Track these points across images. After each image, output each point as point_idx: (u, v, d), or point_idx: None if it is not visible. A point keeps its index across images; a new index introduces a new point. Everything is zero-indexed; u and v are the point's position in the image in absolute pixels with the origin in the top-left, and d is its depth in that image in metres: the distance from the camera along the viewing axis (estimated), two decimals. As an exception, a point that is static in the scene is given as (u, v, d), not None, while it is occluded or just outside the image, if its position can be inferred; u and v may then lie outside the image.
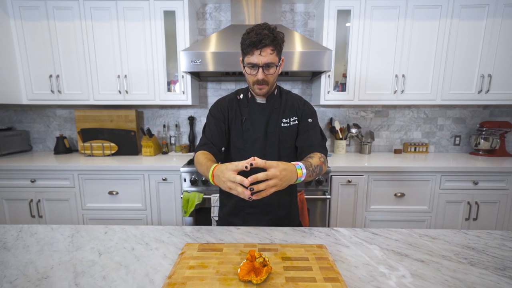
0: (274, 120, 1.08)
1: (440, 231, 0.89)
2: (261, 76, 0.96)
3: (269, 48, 0.93)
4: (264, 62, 0.93)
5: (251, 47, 0.92)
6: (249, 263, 0.63)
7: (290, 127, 1.08)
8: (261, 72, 0.95)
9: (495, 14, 1.97)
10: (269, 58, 0.93)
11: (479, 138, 2.29)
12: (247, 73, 0.99)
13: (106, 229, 0.90)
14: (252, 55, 0.93)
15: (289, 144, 1.09)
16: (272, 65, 0.95)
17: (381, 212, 1.94)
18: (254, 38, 0.90)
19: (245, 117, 1.08)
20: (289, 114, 1.09)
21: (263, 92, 1.01)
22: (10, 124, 2.49)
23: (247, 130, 1.07)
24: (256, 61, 0.93)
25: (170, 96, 2.14)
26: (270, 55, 0.94)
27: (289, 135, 1.08)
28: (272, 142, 1.07)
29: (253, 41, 0.91)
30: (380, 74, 2.08)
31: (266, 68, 0.95)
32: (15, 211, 1.98)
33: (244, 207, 1.10)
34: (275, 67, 0.97)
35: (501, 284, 0.62)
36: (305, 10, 2.33)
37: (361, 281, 0.63)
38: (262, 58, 0.93)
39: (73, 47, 2.07)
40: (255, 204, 1.07)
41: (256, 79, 0.97)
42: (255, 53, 0.92)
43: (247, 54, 0.95)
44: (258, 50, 0.92)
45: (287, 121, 1.08)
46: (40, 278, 0.64)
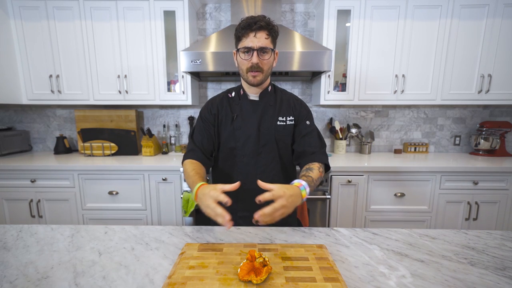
0: (269, 118, 1.04)
1: (440, 231, 0.89)
2: (256, 59, 0.92)
3: (264, 32, 0.91)
4: (259, 46, 0.91)
5: (246, 29, 0.90)
6: (249, 263, 0.63)
7: (286, 126, 1.05)
8: (256, 56, 0.92)
9: (495, 14, 1.97)
10: (264, 42, 0.91)
11: (479, 138, 2.29)
12: (241, 59, 0.95)
13: (106, 229, 0.90)
14: (247, 38, 0.91)
15: (285, 144, 1.06)
16: (267, 50, 0.93)
17: (381, 212, 1.94)
18: (249, 20, 0.90)
19: (236, 114, 1.04)
20: (285, 112, 1.06)
21: (257, 80, 0.97)
22: (10, 124, 2.49)
23: (238, 127, 1.03)
24: (251, 44, 0.91)
25: (170, 96, 2.14)
26: (266, 39, 0.92)
27: (285, 134, 1.05)
28: (266, 140, 1.03)
29: (248, 23, 0.90)
30: (380, 74, 2.08)
31: (261, 53, 0.93)
32: (15, 211, 1.97)
33: (236, 211, 1.06)
34: (270, 52, 0.94)
35: (501, 284, 0.62)
36: (305, 10, 2.33)
37: (361, 281, 0.63)
38: (257, 41, 0.91)
39: (73, 47, 2.07)
40: (247, 207, 1.03)
41: (251, 64, 0.93)
42: (250, 35, 0.91)
43: (241, 38, 0.93)
44: (253, 32, 0.90)
45: (283, 120, 1.05)
46: (40, 278, 0.64)
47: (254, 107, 1.04)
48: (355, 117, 2.48)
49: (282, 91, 1.12)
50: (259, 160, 1.03)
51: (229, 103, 1.07)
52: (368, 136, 2.38)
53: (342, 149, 2.38)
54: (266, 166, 1.04)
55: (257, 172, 1.03)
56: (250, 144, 1.03)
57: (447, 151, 2.51)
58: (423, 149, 2.44)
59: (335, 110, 2.47)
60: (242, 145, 1.03)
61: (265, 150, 1.03)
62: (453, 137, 2.48)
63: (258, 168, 1.04)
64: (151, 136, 2.25)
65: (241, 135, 1.03)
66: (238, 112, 1.04)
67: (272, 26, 0.93)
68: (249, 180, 1.01)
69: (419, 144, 2.44)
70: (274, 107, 1.05)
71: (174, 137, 2.45)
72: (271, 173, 1.05)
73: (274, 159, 1.05)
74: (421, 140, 2.49)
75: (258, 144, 1.03)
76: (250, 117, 1.03)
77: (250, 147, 1.03)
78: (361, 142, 2.41)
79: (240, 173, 1.04)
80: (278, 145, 1.05)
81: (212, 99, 1.11)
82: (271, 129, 1.03)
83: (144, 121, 2.51)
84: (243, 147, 1.03)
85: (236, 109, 1.05)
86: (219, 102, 1.08)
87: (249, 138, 1.02)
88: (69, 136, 2.50)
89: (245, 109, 1.04)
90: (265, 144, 1.03)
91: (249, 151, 1.03)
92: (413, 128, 2.48)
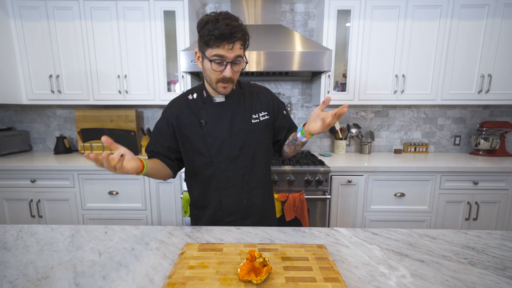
0: (241, 119, 0.98)
1: (440, 231, 0.89)
2: (229, 73, 0.85)
3: (239, 42, 0.84)
4: (234, 57, 0.84)
5: (221, 40, 0.80)
6: (249, 263, 0.63)
7: (261, 122, 1.00)
8: (229, 69, 0.85)
9: (495, 14, 1.97)
10: (238, 52, 0.84)
11: (479, 138, 2.29)
12: (211, 69, 0.85)
13: (106, 229, 0.90)
14: (221, 48, 0.82)
15: (264, 140, 1.02)
16: (240, 61, 0.87)
17: (381, 212, 1.94)
18: (225, 29, 0.79)
19: (204, 120, 0.96)
20: (258, 109, 1.01)
21: (227, 91, 0.91)
22: (10, 124, 2.49)
23: (209, 134, 0.96)
24: (225, 54, 0.82)
25: (170, 96, 2.13)
26: (239, 49, 0.85)
27: (262, 131, 1.01)
28: (243, 142, 0.97)
29: (223, 33, 0.79)
30: (380, 74, 2.08)
31: (234, 65, 0.86)
32: (15, 211, 1.97)
33: (222, 217, 1.02)
34: (242, 63, 0.89)
35: (501, 284, 0.62)
36: (305, 10, 2.33)
37: (361, 281, 0.63)
38: (232, 52, 0.83)
39: (73, 47, 2.07)
40: (232, 212, 1.01)
41: (223, 76, 0.86)
42: (225, 46, 0.81)
43: (213, 46, 0.82)
44: (230, 44, 0.81)
45: (257, 117, 1.00)
46: (40, 278, 0.64)
47: (223, 110, 0.97)
48: (355, 117, 2.48)
49: (248, 85, 1.05)
50: (238, 163, 0.98)
51: (191, 108, 0.98)
52: (368, 136, 2.38)
53: (342, 149, 2.38)
54: (247, 168, 0.99)
55: (238, 175, 0.99)
56: (225, 149, 0.96)
57: (447, 151, 2.51)
58: (423, 149, 2.44)
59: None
60: (217, 151, 0.96)
61: (244, 152, 0.98)
62: (453, 137, 2.48)
63: (239, 170, 0.99)
64: (151, 136, 2.25)
65: (213, 142, 0.96)
66: (205, 118, 0.96)
67: (247, 35, 0.86)
68: (231, 185, 1.00)
69: (419, 144, 2.44)
70: (244, 106, 0.99)
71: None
72: (252, 172, 1.01)
73: (255, 157, 1.00)
74: (421, 140, 2.49)
75: (235, 147, 0.97)
76: (220, 121, 0.96)
77: (226, 152, 0.97)
78: (361, 142, 2.41)
79: (221, 181, 0.99)
80: (257, 144, 1.00)
81: (170, 106, 1.01)
82: (246, 129, 0.98)
83: (144, 121, 2.51)
84: (218, 153, 0.97)
85: (202, 114, 0.97)
86: (178, 109, 0.99)
87: (223, 143, 0.96)
88: (69, 136, 2.50)
89: (213, 114, 0.97)
90: (242, 146, 0.97)
91: (225, 156, 0.97)
92: (413, 128, 2.48)
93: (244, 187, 1.01)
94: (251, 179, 1.01)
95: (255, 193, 1.03)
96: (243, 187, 1.01)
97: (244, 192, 1.01)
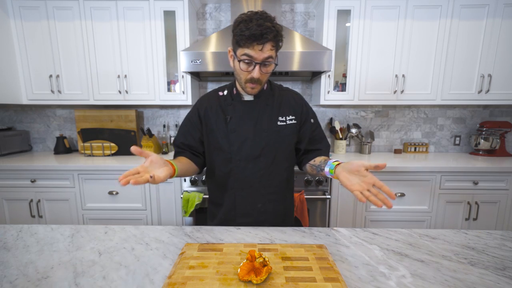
0: (267, 119, 0.97)
1: (440, 231, 0.89)
2: (258, 74, 0.85)
3: (270, 43, 0.82)
4: (262, 58, 0.83)
5: (251, 40, 0.80)
6: (249, 263, 0.63)
7: (287, 126, 0.99)
8: (258, 70, 0.85)
9: (495, 14, 1.97)
10: (268, 53, 0.83)
11: (479, 138, 2.29)
12: (240, 69, 0.87)
13: (106, 229, 0.90)
14: (250, 49, 0.82)
15: (287, 144, 1.00)
16: (271, 62, 0.86)
17: (381, 212, 1.94)
18: (256, 30, 0.78)
19: (230, 116, 0.97)
20: (285, 112, 1.00)
21: (255, 91, 0.92)
22: (10, 124, 2.49)
23: (232, 130, 0.96)
24: (255, 55, 0.82)
25: (170, 96, 2.14)
26: (271, 50, 0.83)
27: (287, 134, 0.99)
28: (266, 142, 0.96)
29: (254, 34, 0.79)
30: (380, 74, 2.08)
31: (264, 66, 0.86)
32: (15, 211, 1.97)
33: (235, 217, 1.01)
34: (273, 65, 0.88)
35: (501, 284, 0.62)
36: (305, 10, 2.33)
37: (361, 281, 0.63)
38: (262, 53, 0.82)
39: (73, 47, 2.07)
40: (246, 213, 1.00)
41: (251, 76, 0.86)
42: (255, 47, 0.81)
43: (243, 46, 0.83)
44: (260, 45, 0.81)
45: (283, 119, 0.99)
46: (40, 278, 0.64)
47: (250, 108, 0.97)
48: (355, 117, 2.48)
49: (279, 88, 1.05)
50: (258, 163, 0.97)
51: (220, 104, 0.99)
52: (368, 136, 2.38)
53: (342, 149, 2.38)
54: (266, 170, 0.98)
55: (255, 177, 0.98)
56: (246, 147, 0.96)
57: (447, 151, 2.51)
58: (423, 149, 2.44)
59: (335, 110, 2.47)
60: (238, 149, 0.96)
61: (265, 153, 0.97)
62: (453, 137, 2.48)
63: (257, 172, 0.97)
64: (151, 136, 2.25)
65: (235, 139, 0.96)
66: (231, 113, 0.97)
67: (280, 36, 0.84)
68: (247, 186, 0.98)
69: (419, 144, 2.44)
70: (273, 107, 0.99)
71: (174, 137, 2.45)
72: (271, 176, 0.99)
73: (275, 161, 0.99)
74: (421, 140, 2.49)
75: (257, 147, 0.96)
76: (246, 119, 0.96)
77: (246, 150, 0.96)
78: (361, 142, 2.41)
79: (237, 179, 0.98)
80: (280, 147, 0.99)
81: (201, 100, 1.04)
82: (271, 130, 0.97)
83: (144, 121, 2.51)
84: (239, 151, 0.96)
85: (229, 110, 0.98)
86: (208, 103, 1.01)
87: (245, 142, 0.96)
88: (69, 136, 2.50)
89: (239, 111, 0.97)
90: (264, 147, 0.96)
91: (245, 154, 0.96)
92: (413, 128, 2.48)
93: (260, 190, 0.99)
94: (269, 183, 0.99)
95: (272, 198, 1.01)
96: (259, 190, 0.99)
97: (260, 195, 0.99)
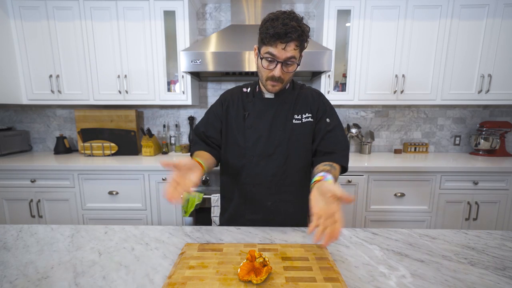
0: (283, 117, 0.97)
1: (440, 231, 0.89)
2: (279, 73, 0.85)
3: (294, 43, 0.82)
4: (285, 57, 0.83)
5: (275, 39, 0.80)
6: (249, 263, 0.63)
7: (303, 124, 0.97)
8: (279, 69, 0.85)
9: (495, 14, 1.97)
10: (291, 53, 0.83)
11: (479, 138, 2.29)
12: (262, 66, 0.88)
13: (106, 229, 0.90)
14: (273, 47, 0.82)
15: (303, 143, 0.98)
16: (293, 62, 0.85)
17: (381, 212, 1.94)
18: (281, 29, 0.79)
19: (248, 112, 0.98)
20: (301, 109, 0.98)
21: (275, 89, 0.92)
22: (10, 124, 2.49)
23: (249, 126, 0.97)
24: (277, 54, 0.82)
25: (170, 96, 2.14)
26: (294, 50, 0.83)
27: (302, 133, 0.97)
28: (280, 140, 0.96)
29: (278, 32, 0.79)
30: (380, 74, 2.08)
31: (285, 65, 0.85)
32: (15, 211, 1.97)
33: (244, 213, 1.02)
34: (295, 65, 0.87)
35: (501, 284, 0.62)
36: (305, 10, 2.33)
37: (361, 281, 0.63)
38: (285, 53, 0.82)
39: (73, 47, 2.07)
40: (256, 210, 1.00)
41: (272, 75, 0.87)
42: (278, 46, 0.81)
43: (267, 44, 0.83)
44: (283, 44, 0.81)
45: (299, 118, 0.97)
46: (40, 278, 0.64)
47: (268, 105, 0.98)
48: (355, 117, 2.48)
49: (301, 86, 1.03)
50: (271, 161, 0.97)
51: (242, 100, 1.01)
52: (368, 136, 2.38)
53: (342, 149, 2.37)
54: (279, 168, 0.97)
55: (268, 174, 0.97)
56: (260, 144, 0.96)
57: (447, 151, 2.51)
58: (423, 149, 2.44)
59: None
60: (252, 145, 0.97)
61: (279, 151, 0.96)
62: (453, 137, 2.48)
63: (270, 170, 0.97)
64: (151, 136, 2.25)
65: (251, 135, 0.97)
66: (250, 110, 0.98)
67: (304, 36, 0.83)
68: (258, 182, 0.98)
69: (419, 144, 2.44)
70: (290, 104, 0.98)
71: (174, 137, 2.45)
72: (283, 175, 0.98)
73: (289, 160, 0.97)
74: (421, 140, 2.49)
75: (271, 145, 0.96)
76: (263, 116, 0.97)
77: (261, 147, 0.96)
78: (361, 142, 2.41)
79: (249, 175, 0.99)
80: (295, 145, 0.97)
81: (225, 93, 1.06)
82: (286, 128, 0.96)
83: (144, 121, 2.51)
84: (253, 147, 0.97)
85: (249, 106, 0.99)
86: (231, 98, 1.02)
87: (260, 138, 0.96)
88: (69, 136, 2.50)
89: (258, 107, 0.98)
90: (278, 145, 0.96)
91: (259, 151, 0.96)
92: (413, 128, 2.48)
93: (272, 188, 0.98)
94: (281, 182, 0.98)
95: (283, 197, 1.00)
96: (271, 188, 0.98)
97: (271, 193, 0.99)
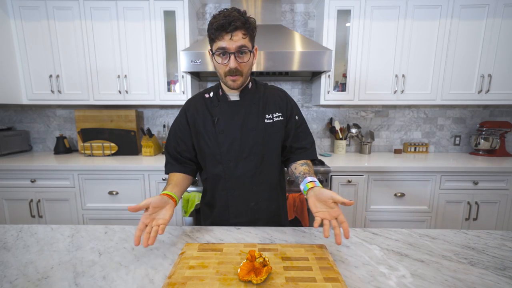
0: (254, 118, 0.97)
1: (440, 231, 0.89)
2: (234, 64, 0.85)
3: (241, 31, 0.82)
4: (236, 47, 0.83)
5: (220, 31, 0.81)
6: (249, 263, 0.63)
7: (274, 123, 0.98)
8: (233, 60, 0.84)
9: (495, 14, 1.97)
10: (241, 42, 0.83)
11: (479, 138, 2.29)
12: (217, 63, 0.87)
13: (106, 229, 0.90)
14: (222, 40, 0.82)
15: (276, 141, 0.99)
16: (245, 50, 0.85)
17: (381, 212, 1.94)
18: (223, 20, 0.80)
19: (217, 117, 0.97)
20: (272, 109, 0.99)
21: (237, 84, 0.90)
22: (10, 124, 2.49)
23: (220, 132, 0.96)
24: (227, 45, 0.82)
25: (170, 96, 2.14)
26: (243, 39, 0.83)
27: (274, 132, 0.98)
28: (255, 141, 0.96)
29: (221, 24, 0.80)
30: (380, 74, 2.08)
31: (239, 55, 0.85)
32: (15, 211, 1.97)
33: (228, 218, 1.01)
34: (249, 53, 0.87)
35: (501, 284, 0.62)
36: (305, 10, 2.33)
37: (361, 281, 0.63)
38: (233, 42, 0.82)
39: (73, 47, 2.07)
40: (239, 213, 1.00)
41: (229, 68, 0.86)
42: (225, 37, 0.82)
43: (216, 39, 0.84)
44: (229, 34, 0.81)
45: (270, 117, 0.98)
46: (40, 278, 0.64)
47: (236, 108, 0.97)
48: (355, 117, 2.48)
49: (264, 86, 1.05)
50: (248, 163, 0.97)
51: (206, 106, 0.99)
52: (368, 136, 2.38)
53: (342, 149, 2.38)
54: (256, 169, 0.98)
55: (247, 176, 0.98)
56: (235, 147, 0.95)
57: (447, 151, 2.51)
58: (423, 149, 2.44)
59: (335, 110, 2.47)
60: (227, 150, 0.96)
61: (254, 152, 0.96)
62: (453, 137, 2.48)
63: (248, 171, 0.97)
64: (151, 136, 2.25)
65: (224, 140, 0.96)
66: (218, 115, 0.97)
67: (249, 24, 0.85)
68: (239, 186, 0.98)
69: (419, 144, 2.44)
70: (259, 105, 0.98)
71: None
72: (262, 174, 0.99)
73: (265, 159, 0.99)
74: (421, 140, 2.49)
75: (245, 146, 0.96)
76: (233, 119, 0.96)
77: (236, 150, 0.96)
78: (361, 142, 2.41)
79: (228, 180, 0.98)
80: (269, 144, 0.98)
81: (188, 103, 1.04)
82: (258, 128, 0.96)
83: (144, 121, 2.51)
84: (228, 152, 0.96)
85: (216, 111, 0.98)
86: (194, 107, 1.01)
87: (234, 141, 0.95)
88: (69, 136, 2.50)
89: (226, 111, 0.97)
90: (253, 146, 0.96)
91: (235, 155, 0.96)
92: (413, 128, 2.48)
93: (252, 189, 0.99)
94: (261, 181, 0.99)
95: (264, 196, 1.01)
96: (251, 189, 0.99)
97: (252, 193, 1.00)
